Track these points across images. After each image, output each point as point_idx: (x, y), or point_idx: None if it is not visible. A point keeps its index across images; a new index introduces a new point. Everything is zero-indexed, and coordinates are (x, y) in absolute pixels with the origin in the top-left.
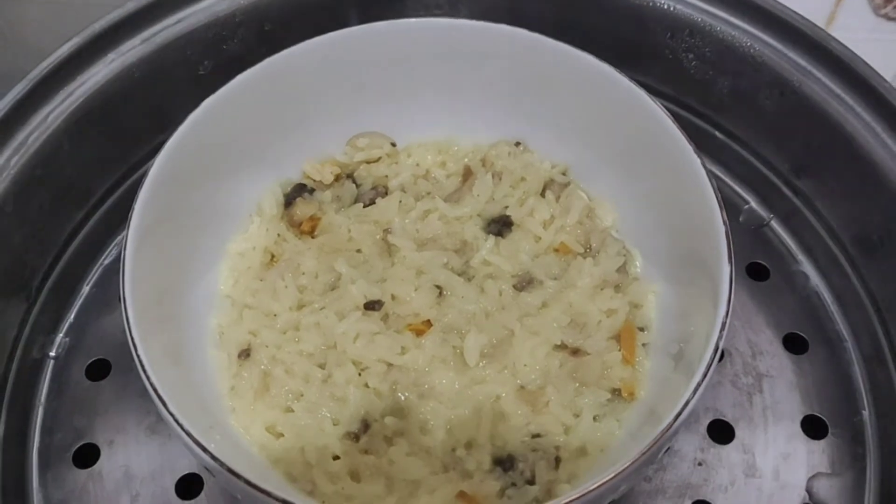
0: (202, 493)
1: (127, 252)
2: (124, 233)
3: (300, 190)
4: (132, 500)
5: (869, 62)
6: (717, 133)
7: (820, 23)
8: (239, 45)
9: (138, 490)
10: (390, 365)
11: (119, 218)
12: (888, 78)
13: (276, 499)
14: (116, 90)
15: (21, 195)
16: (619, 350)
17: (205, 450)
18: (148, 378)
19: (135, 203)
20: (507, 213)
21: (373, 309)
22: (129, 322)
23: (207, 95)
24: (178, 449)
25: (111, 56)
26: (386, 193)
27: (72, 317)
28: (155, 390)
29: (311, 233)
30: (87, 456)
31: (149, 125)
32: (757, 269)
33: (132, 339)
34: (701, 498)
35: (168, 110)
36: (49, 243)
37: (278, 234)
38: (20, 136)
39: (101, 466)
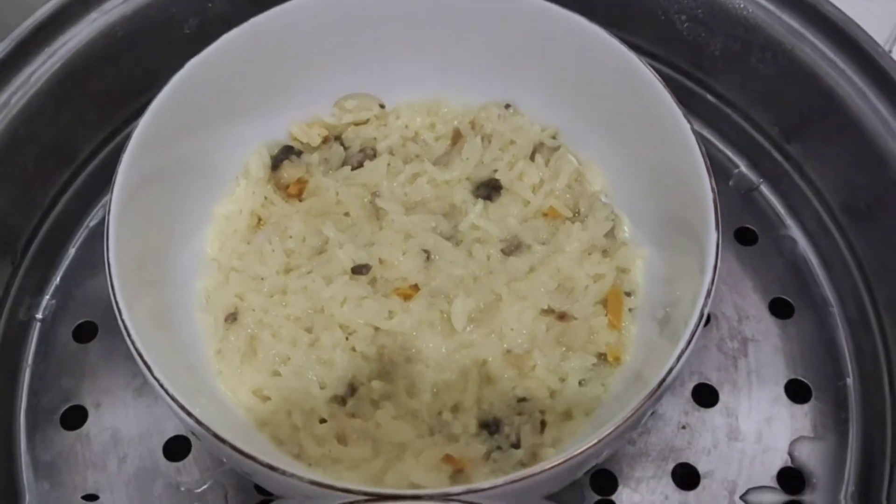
0: (190, 455)
1: (111, 215)
2: (109, 195)
3: (287, 152)
4: (120, 462)
5: (865, 20)
6: (709, 95)
7: None
8: (225, 4)
9: (126, 452)
10: (377, 329)
11: (105, 179)
12: (885, 36)
13: (261, 463)
14: (100, 50)
15: (4, 156)
16: (606, 315)
17: (190, 414)
18: (133, 343)
19: (119, 165)
20: (496, 176)
21: (360, 273)
22: (113, 286)
23: (193, 55)
24: (166, 411)
25: (94, 15)
26: (374, 156)
27: (58, 279)
28: (140, 355)
29: (299, 196)
30: (75, 418)
31: (133, 85)
32: (745, 233)
33: (117, 303)
34: (684, 461)
35: (153, 70)
36: (34, 205)
37: (265, 197)
38: (3, 97)
39: (88, 428)
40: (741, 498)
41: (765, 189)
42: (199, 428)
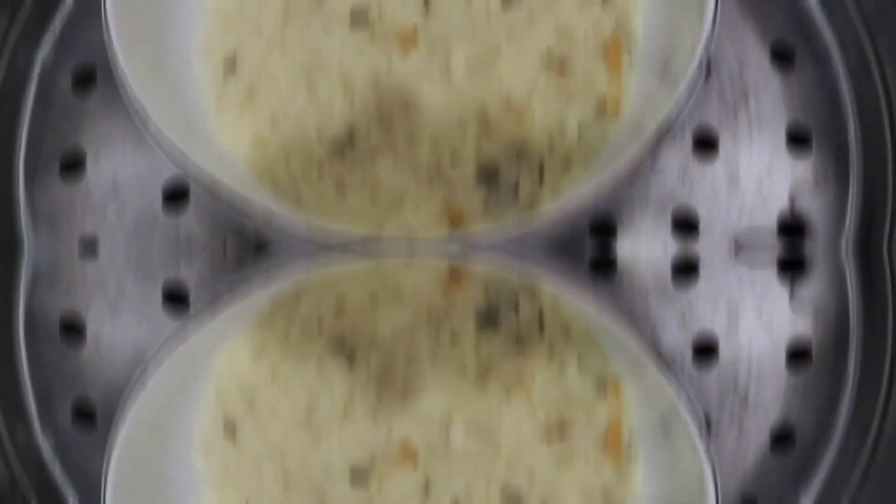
0: (189, 204)
1: None
2: None
3: None
4: (118, 210)
5: None
6: None
7: None
8: None
9: (125, 200)
10: (376, 78)
11: None
12: None
13: (258, 209)
14: None
15: None
16: (606, 65)
17: (187, 162)
18: (130, 91)
19: None
20: None
21: (359, 22)
22: (110, 34)
23: None
24: (165, 159)
25: None
26: None
27: (57, 27)
28: (138, 103)
29: None
30: (74, 167)
31: None
32: None
33: (114, 52)
34: (684, 209)
35: None
36: None
37: None
38: None
39: (87, 178)
40: (740, 245)
41: None
42: (197, 176)
